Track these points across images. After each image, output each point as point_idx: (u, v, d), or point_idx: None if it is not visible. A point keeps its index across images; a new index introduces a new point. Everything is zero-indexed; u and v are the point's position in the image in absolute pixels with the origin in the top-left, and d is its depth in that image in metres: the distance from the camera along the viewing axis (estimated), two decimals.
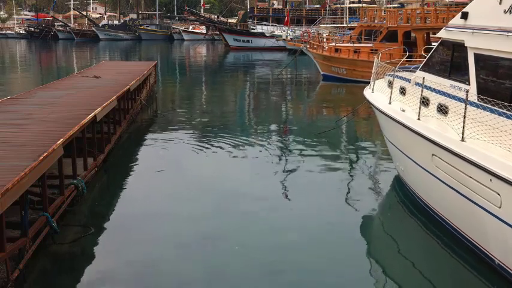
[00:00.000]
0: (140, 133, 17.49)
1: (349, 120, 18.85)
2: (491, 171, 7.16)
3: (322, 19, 61.76)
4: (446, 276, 7.94)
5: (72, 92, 15.63)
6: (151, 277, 7.71)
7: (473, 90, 8.67)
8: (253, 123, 20.25)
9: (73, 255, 8.42)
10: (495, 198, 7.24)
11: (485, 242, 7.89)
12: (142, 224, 9.68)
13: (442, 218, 9.29)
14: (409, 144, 10.16)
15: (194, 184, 11.93)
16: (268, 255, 8.42)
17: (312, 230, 9.38)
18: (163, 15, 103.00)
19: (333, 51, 32.21)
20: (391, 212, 10.80)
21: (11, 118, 11.54)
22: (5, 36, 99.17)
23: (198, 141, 16.07)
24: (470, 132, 7.94)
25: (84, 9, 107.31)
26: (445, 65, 10.08)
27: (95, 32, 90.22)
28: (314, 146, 15.48)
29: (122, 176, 12.49)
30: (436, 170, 8.95)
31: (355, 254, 8.62)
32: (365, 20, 35.25)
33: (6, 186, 6.62)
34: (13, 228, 7.87)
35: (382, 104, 11.58)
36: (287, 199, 11.03)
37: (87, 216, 10.11)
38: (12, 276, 7.08)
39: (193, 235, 9.14)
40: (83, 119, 11.10)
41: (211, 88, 32.44)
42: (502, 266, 7.51)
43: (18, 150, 8.69)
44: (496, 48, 8.32)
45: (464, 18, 9.39)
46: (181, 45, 79.67)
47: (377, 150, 15.08)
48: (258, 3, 79.46)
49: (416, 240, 9.44)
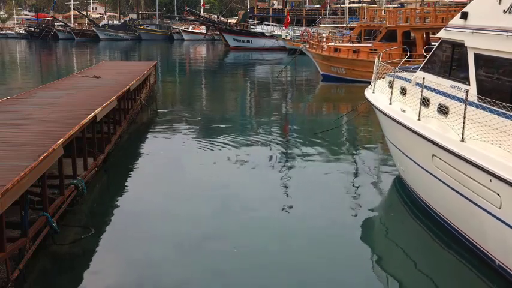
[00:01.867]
0: (140, 133, 17.49)
1: (349, 120, 18.85)
2: (491, 171, 7.16)
3: (322, 19, 61.74)
4: (446, 276, 7.94)
5: (72, 92, 15.63)
6: (151, 277, 7.71)
7: (473, 90, 8.67)
8: (253, 123, 20.24)
9: (73, 255, 8.42)
10: (495, 198, 7.24)
11: (486, 243, 7.89)
12: (142, 224, 9.68)
13: (443, 218, 9.29)
14: (410, 144, 10.16)
15: (194, 184, 11.93)
16: (268, 256, 8.43)
17: (312, 230, 9.38)
18: (163, 15, 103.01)
19: (332, 51, 32.19)
20: (392, 213, 10.79)
21: (11, 118, 11.53)
22: (5, 36, 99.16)
23: (198, 141, 16.08)
24: (470, 133, 7.94)
25: (84, 9, 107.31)
26: (445, 65, 10.07)
27: (95, 32, 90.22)
28: (314, 146, 15.47)
29: (122, 176, 12.50)
30: (437, 171, 8.95)
31: (355, 254, 8.62)
32: (364, 20, 35.26)
33: (6, 186, 6.62)
34: (13, 228, 7.87)
35: (383, 104, 11.58)
36: (287, 199, 11.01)
37: (87, 216, 10.11)
38: (12, 276, 7.07)
39: (194, 235, 9.14)
40: (83, 119, 11.09)
41: (211, 88, 32.45)
42: (503, 266, 7.50)
43: (18, 150, 8.69)
44: (495, 48, 8.32)
45: (464, 19, 9.39)
46: (181, 45, 79.66)
47: (378, 151, 15.07)
48: (258, 3, 79.43)
49: (417, 240, 9.43)
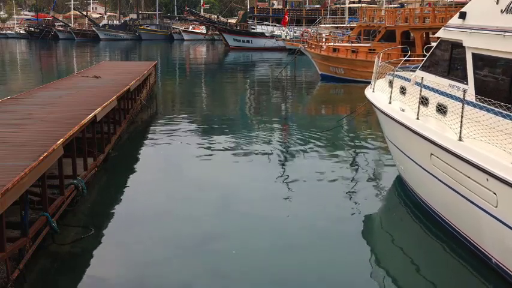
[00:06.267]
0: (140, 133, 17.52)
1: (349, 120, 18.88)
2: (487, 170, 7.20)
3: (322, 19, 61.77)
4: (444, 275, 7.98)
5: (72, 92, 15.66)
6: (151, 277, 7.74)
7: (471, 89, 8.70)
8: (253, 122, 20.27)
9: (73, 255, 8.44)
10: (491, 197, 7.28)
11: (483, 241, 7.93)
12: (142, 224, 9.71)
13: (441, 217, 9.33)
14: (409, 143, 10.19)
15: (194, 184, 11.97)
16: (268, 256, 8.46)
17: (312, 230, 9.41)
18: (163, 15, 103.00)
19: (331, 51, 32.19)
20: (391, 212, 10.82)
21: (11, 118, 11.56)
22: (5, 36, 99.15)
23: (198, 141, 16.11)
24: (467, 132, 7.97)
25: (84, 9, 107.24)
26: (444, 65, 10.11)
27: (95, 32, 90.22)
28: (314, 146, 15.50)
29: (122, 176, 12.53)
30: (435, 170, 8.98)
31: (355, 253, 8.65)
32: (364, 20, 35.28)
33: (6, 186, 6.64)
34: (13, 228, 7.90)
35: (382, 103, 11.62)
36: (287, 199, 11.05)
37: (87, 216, 10.13)
38: (12, 276, 7.09)
39: (194, 235, 9.17)
40: (83, 119, 11.12)
41: (211, 88, 32.47)
42: (499, 265, 7.54)
43: (18, 150, 8.71)
44: (493, 48, 8.36)
45: (462, 18, 9.43)
46: (181, 45, 79.66)
47: (378, 150, 15.09)
48: (258, 3, 79.41)
49: (415, 239, 9.47)
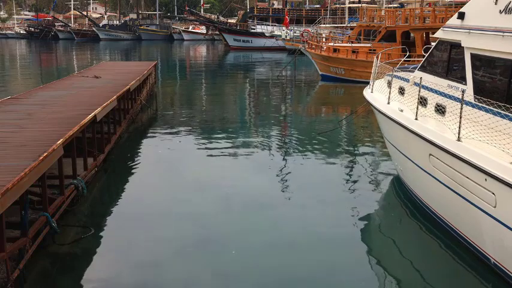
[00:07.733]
0: (140, 133, 17.54)
1: (348, 121, 18.90)
2: (486, 170, 7.22)
3: (322, 19, 61.78)
4: (443, 275, 7.99)
5: (72, 92, 15.67)
6: (151, 277, 7.76)
7: (469, 90, 8.72)
8: (253, 123, 20.30)
9: (73, 255, 8.47)
10: (490, 197, 7.30)
11: (481, 241, 7.95)
12: (142, 223, 9.73)
13: (440, 217, 9.35)
14: (407, 144, 10.21)
15: (194, 184, 11.99)
16: (268, 256, 8.48)
17: (311, 230, 9.43)
18: (163, 15, 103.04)
19: (331, 51, 32.21)
20: (390, 212, 10.84)
21: (11, 118, 11.57)
22: (5, 36, 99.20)
23: (198, 141, 16.13)
24: (466, 132, 7.99)
25: (84, 9, 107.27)
26: (443, 65, 10.12)
27: (95, 32, 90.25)
28: (314, 147, 15.53)
29: (122, 176, 12.55)
30: (434, 170, 9.00)
31: (354, 253, 8.67)
32: (364, 20, 35.29)
33: (6, 186, 6.65)
34: (13, 228, 7.90)
35: (381, 103, 11.63)
36: (287, 199, 11.07)
37: (87, 216, 10.15)
38: (12, 276, 7.10)
39: (194, 235, 9.19)
40: (83, 119, 11.14)
41: (211, 88, 32.49)
42: (498, 265, 7.57)
43: (18, 150, 8.72)
44: (491, 48, 8.37)
45: (461, 19, 9.45)
46: (181, 45, 79.67)
47: (377, 151, 15.12)
48: (258, 3, 79.39)
49: (414, 239, 9.49)
